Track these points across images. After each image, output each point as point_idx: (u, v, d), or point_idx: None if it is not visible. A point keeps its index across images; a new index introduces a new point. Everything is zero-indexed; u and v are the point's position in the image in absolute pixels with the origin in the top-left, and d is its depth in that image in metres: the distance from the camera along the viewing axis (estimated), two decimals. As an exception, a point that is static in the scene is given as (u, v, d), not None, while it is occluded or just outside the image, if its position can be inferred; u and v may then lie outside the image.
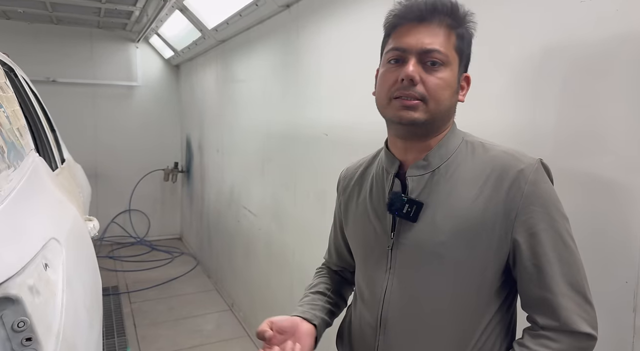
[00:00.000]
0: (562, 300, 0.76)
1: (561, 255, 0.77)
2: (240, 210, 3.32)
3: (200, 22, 3.30)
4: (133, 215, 5.25)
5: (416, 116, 0.81)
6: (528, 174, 0.78)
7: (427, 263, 0.84)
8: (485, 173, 0.81)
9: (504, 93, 1.18)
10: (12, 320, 0.68)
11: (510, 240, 0.79)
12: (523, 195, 0.77)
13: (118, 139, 5.02)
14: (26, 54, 4.21)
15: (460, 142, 0.87)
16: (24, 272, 0.73)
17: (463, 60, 0.85)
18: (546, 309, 0.78)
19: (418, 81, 0.80)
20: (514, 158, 0.81)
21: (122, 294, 3.82)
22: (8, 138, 0.97)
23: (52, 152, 1.88)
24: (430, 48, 0.80)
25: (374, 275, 0.92)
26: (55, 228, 0.98)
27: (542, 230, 0.77)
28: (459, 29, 0.83)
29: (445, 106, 0.82)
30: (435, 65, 0.80)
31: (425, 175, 0.85)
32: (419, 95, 0.80)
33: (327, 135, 2.06)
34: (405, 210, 0.84)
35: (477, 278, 0.82)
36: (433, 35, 0.81)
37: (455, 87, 0.84)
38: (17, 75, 1.86)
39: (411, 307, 0.86)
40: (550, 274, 0.77)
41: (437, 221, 0.82)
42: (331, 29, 1.99)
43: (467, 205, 0.81)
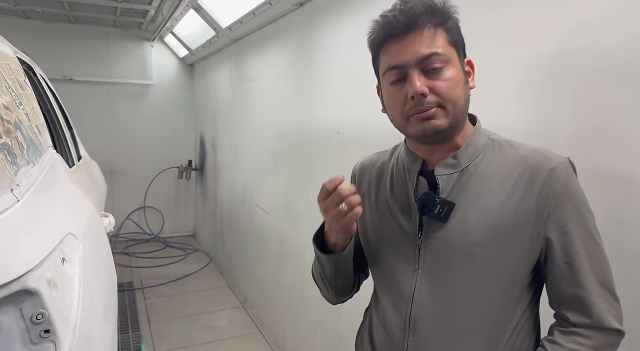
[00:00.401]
0: (594, 297, 0.77)
1: (592, 252, 0.78)
2: (252, 208, 3.34)
3: (214, 21, 3.32)
4: (148, 212, 5.31)
5: (439, 123, 0.79)
6: (560, 173, 0.78)
7: (458, 263, 0.83)
8: (516, 172, 0.81)
9: (521, 91, 1.17)
10: (31, 312, 0.70)
11: (543, 238, 0.79)
12: (556, 194, 0.78)
13: (133, 137, 5.08)
14: (44, 52, 4.29)
15: (486, 141, 0.86)
16: (42, 266, 0.75)
17: (460, 48, 0.83)
18: (578, 306, 0.78)
19: (427, 93, 0.78)
20: (544, 157, 0.80)
21: (136, 290, 3.88)
22: (27, 135, 0.99)
23: (69, 149, 1.91)
24: (427, 53, 0.78)
25: (400, 275, 0.90)
26: (72, 223, 1.00)
27: (574, 228, 0.78)
28: (445, 24, 0.81)
29: (462, 102, 0.81)
30: (437, 69, 0.79)
31: (455, 174, 0.84)
32: (434, 104, 0.79)
33: (340, 134, 2.06)
34: (437, 211, 0.83)
35: (509, 277, 0.82)
36: (424, 40, 0.79)
37: (464, 79, 0.82)
38: (36, 73, 1.90)
39: (442, 307, 0.85)
40: (582, 272, 0.78)
41: (469, 221, 0.81)
42: (344, 27, 1.99)
43: (500, 204, 0.80)
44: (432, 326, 0.86)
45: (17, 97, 1.05)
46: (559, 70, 1.07)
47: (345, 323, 2.05)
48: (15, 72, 1.19)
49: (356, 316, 1.14)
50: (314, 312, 2.37)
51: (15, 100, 1.01)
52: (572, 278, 0.78)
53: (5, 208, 0.72)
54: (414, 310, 0.87)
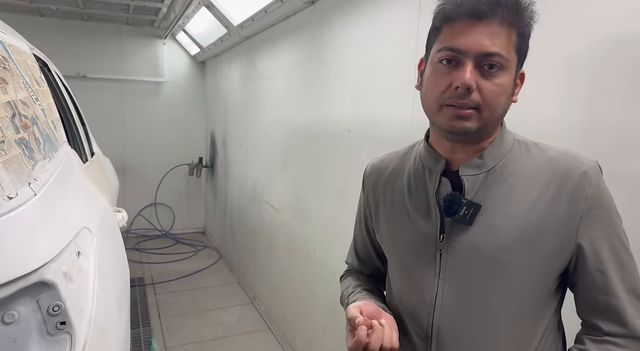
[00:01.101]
0: (628, 306, 0.75)
1: (623, 259, 0.76)
2: (262, 205, 3.36)
3: (225, 19, 3.33)
4: (159, 208, 5.35)
5: (469, 125, 0.75)
6: (591, 177, 0.76)
7: (485, 269, 0.79)
8: (545, 175, 0.78)
9: (560, 89, 1.14)
10: (48, 304, 0.71)
11: (574, 244, 0.76)
12: (587, 198, 0.75)
13: (145, 134, 5.12)
14: (58, 49, 4.33)
15: (512, 142, 0.82)
16: (59, 259, 0.76)
17: (521, 58, 0.78)
18: (612, 315, 0.75)
19: (474, 89, 0.73)
20: (575, 160, 0.77)
21: (147, 285, 3.91)
22: (43, 131, 1.00)
23: (82, 145, 1.94)
24: (491, 51, 0.72)
25: (420, 280, 0.86)
26: (87, 217, 1.02)
27: (605, 234, 0.76)
28: (522, 28, 0.75)
29: (500, 112, 0.77)
30: (493, 69, 0.73)
31: (481, 175, 0.80)
32: (473, 104, 0.74)
33: (350, 132, 2.06)
34: (462, 213, 0.79)
35: (537, 283, 0.79)
36: (494, 35, 0.72)
37: (512, 90, 0.77)
38: (51, 70, 1.92)
39: (467, 315, 0.81)
40: (615, 280, 0.75)
41: (497, 224, 0.78)
42: (356, 25, 1.99)
43: (528, 207, 0.77)
44: (458, 334, 0.82)
45: (34, 92, 1.07)
46: (603, 67, 1.05)
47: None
48: (31, 68, 1.21)
49: (366, 314, 1.14)
50: (323, 309, 2.38)
51: (31, 95, 1.03)
52: (605, 287, 0.75)
53: (23, 202, 0.74)
54: (436, 318, 0.83)
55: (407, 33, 1.64)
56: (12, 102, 0.86)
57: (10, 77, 0.92)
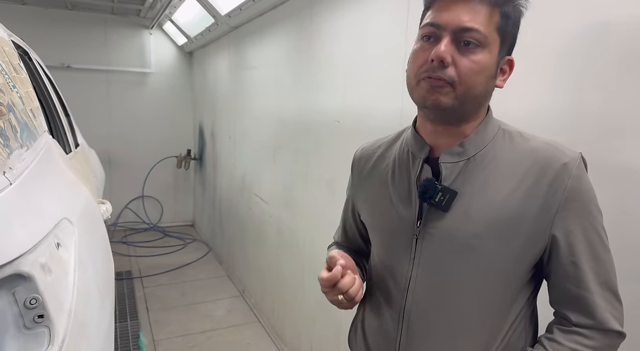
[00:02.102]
0: (598, 298, 0.75)
1: (598, 252, 0.76)
2: (251, 197, 3.33)
3: (213, 8, 3.28)
4: (146, 201, 5.30)
5: (442, 99, 0.75)
6: (572, 168, 0.75)
7: (457, 255, 0.80)
8: (525, 165, 0.77)
9: (549, 77, 1.14)
10: (25, 297, 0.69)
11: (549, 235, 0.76)
12: (566, 190, 0.74)
13: (131, 126, 5.05)
14: (41, 39, 4.23)
15: (497, 131, 0.82)
16: (36, 250, 0.73)
17: (506, 41, 0.78)
18: (581, 307, 0.76)
19: (449, 63, 0.73)
20: (557, 151, 0.77)
21: (135, 279, 3.88)
22: (21, 119, 0.97)
23: (66, 135, 1.89)
24: (467, 26, 0.73)
25: (396, 264, 0.88)
26: (67, 208, 0.99)
27: (582, 227, 0.75)
28: (505, 7, 0.75)
29: (478, 92, 0.76)
30: (470, 46, 0.74)
31: (460, 163, 0.81)
32: (448, 79, 0.74)
33: (340, 122, 2.04)
34: (438, 199, 0.80)
35: (510, 272, 0.79)
36: (473, 12, 0.73)
37: (493, 72, 0.77)
38: (32, 58, 1.87)
39: (438, 299, 0.83)
40: (587, 272, 0.75)
41: (472, 212, 0.78)
42: (345, 14, 1.96)
43: (505, 196, 0.77)
44: (427, 318, 0.84)
45: (11, 80, 1.03)
46: (592, 54, 1.04)
47: (344, 313, 2.05)
48: (9, 55, 1.17)
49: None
50: (312, 301, 2.37)
51: (8, 82, 0.99)
52: (577, 279, 0.76)
53: (-2, 191, 0.71)
54: (408, 302, 0.85)
55: (396, 23, 1.62)
56: (-14, 87, 0.82)
57: (-15, 62, 0.88)
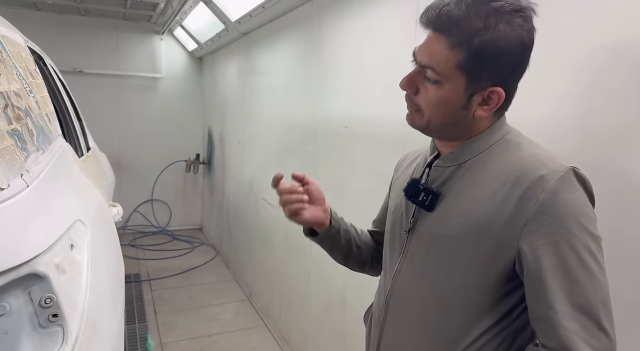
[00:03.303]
0: (565, 320, 0.69)
1: (572, 272, 0.70)
2: (259, 201, 3.35)
3: (223, 14, 3.32)
4: (155, 204, 5.34)
5: (416, 121, 0.84)
6: (548, 181, 0.71)
7: (431, 254, 0.85)
8: (506, 173, 0.77)
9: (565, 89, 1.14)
10: (40, 296, 0.71)
11: (515, 247, 0.74)
12: (537, 203, 0.71)
13: (141, 130, 5.10)
14: (54, 44, 4.30)
15: (498, 139, 0.82)
16: (51, 251, 0.75)
17: (478, 77, 0.75)
18: (546, 327, 0.71)
19: (412, 93, 0.82)
20: (539, 163, 0.74)
21: (143, 281, 3.91)
22: (37, 123, 0.99)
23: (78, 139, 1.93)
24: (423, 63, 0.79)
25: (391, 256, 0.96)
26: (81, 210, 1.01)
27: (551, 242, 0.71)
28: (474, 44, 0.73)
29: (443, 121, 0.81)
30: (429, 81, 0.79)
31: (450, 168, 0.85)
32: (415, 106, 0.83)
33: (347, 128, 2.05)
34: (421, 198, 0.86)
35: (479, 278, 0.78)
36: (435, 50, 0.76)
37: (460, 103, 0.78)
38: (46, 63, 1.91)
39: (412, 291, 0.89)
40: (553, 291, 0.70)
41: (448, 214, 0.83)
42: (354, 22, 1.98)
43: (481, 203, 0.78)
44: (398, 310, 0.91)
45: (28, 84, 1.06)
46: (605, 68, 1.05)
47: (351, 317, 2.06)
48: (25, 60, 1.20)
49: (361, 310, 1.14)
50: (319, 306, 2.38)
51: (25, 87, 1.02)
52: (542, 296, 0.71)
53: (15, 193, 0.73)
54: (391, 290, 0.93)
55: (405, 30, 1.63)
56: (4, 92, 0.85)
57: (3, 68, 0.91)
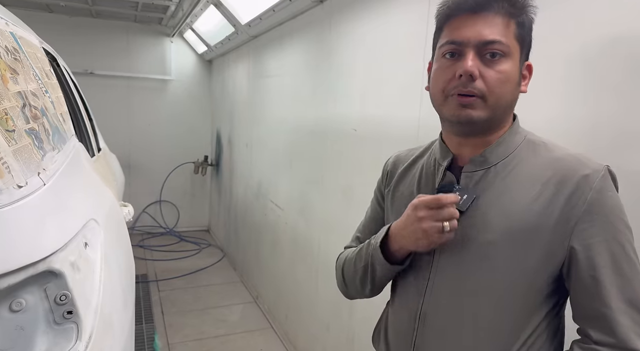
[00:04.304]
0: (619, 316, 0.72)
1: (621, 268, 0.73)
2: (267, 204, 3.36)
3: (233, 17, 3.34)
4: (163, 206, 5.37)
5: (475, 114, 0.77)
6: (593, 181, 0.73)
7: (472, 260, 0.80)
8: (546, 175, 0.77)
9: (564, 86, 1.15)
10: (55, 293, 0.72)
11: (567, 247, 0.75)
12: (586, 202, 0.73)
13: (151, 131, 5.14)
14: (66, 46, 4.34)
15: (522, 141, 0.82)
16: (66, 249, 0.76)
17: (525, 48, 0.80)
18: (602, 324, 0.73)
19: (477, 76, 0.75)
20: (579, 163, 0.76)
21: (151, 282, 3.92)
22: (53, 122, 1.01)
23: (89, 140, 1.95)
24: (490, 39, 0.75)
25: (417, 268, 0.89)
26: (94, 209, 1.02)
27: (603, 240, 0.73)
28: (519, 17, 0.77)
29: (507, 101, 0.78)
30: (495, 57, 0.75)
31: (480, 172, 0.82)
32: (478, 92, 0.75)
33: (356, 131, 2.06)
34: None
35: (525, 282, 0.78)
36: (491, 25, 0.75)
37: (517, 79, 0.79)
38: (60, 64, 1.93)
39: (452, 303, 0.83)
40: (608, 288, 0.73)
41: (489, 219, 0.79)
42: (364, 24, 1.99)
43: (523, 206, 0.77)
44: (441, 320, 0.84)
45: (43, 85, 1.08)
46: (605, 63, 1.05)
47: (358, 320, 2.05)
48: (41, 61, 1.22)
49: (369, 313, 1.14)
50: (326, 309, 2.38)
51: (41, 87, 1.04)
52: (597, 294, 0.73)
53: (32, 191, 0.74)
54: (425, 304, 0.86)
55: (415, 32, 1.64)
56: (22, 92, 0.86)
57: (21, 68, 0.92)
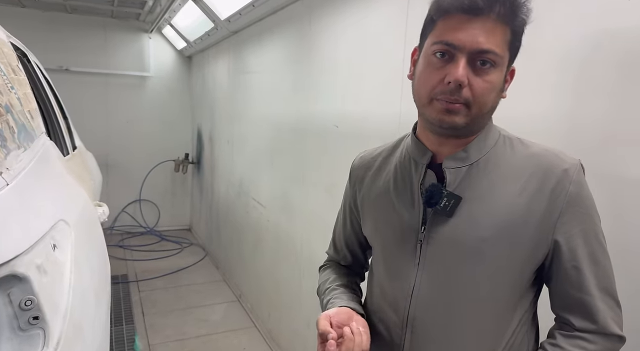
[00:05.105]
0: (599, 303, 0.76)
1: (598, 257, 0.77)
2: (249, 201, 3.33)
3: (213, 13, 3.29)
4: (143, 205, 5.28)
5: (457, 120, 0.76)
6: (572, 174, 0.76)
7: (464, 260, 0.80)
8: (527, 171, 0.78)
9: (545, 85, 1.14)
10: (20, 299, 0.68)
11: (551, 240, 0.77)
12: (567, 195, 0.76)
13: (129, 129, 5.05)
14: (40, 42, 4.22)
15: (498, 137, 0.83)
16: (32, 251, 0.73)
17: (513, 56, 0.78)
18: (584, 311, 0.77)
19: (466, 85, 0.73)
20: (557, 158, 0.78)
21: (131, 282, 3.86)
22: (19, 120, 0.97)
23: (63, 138, 1.89)
24: (485, 48, 0.72)
25: (400, 270, 0.87)
26: (64, 210, 0.98)
27: (582, 231, 0.77)
28: (515, 23, 0.74)
29: (489, 108, 0.78)
30: (486, 66, 0.74)
31: (463, 168, 0.81)
32: (464, 100, 0.74)
33: (338, 127, 2.04)
34: (443, 204, 0.80)
35: (514, 276, 0.80)
36: (489, 32, 0.72)
37: (502, 87, 0.78)
38: (30, 60, 1.87)
39: (442, 304, 0.82)
40: (588, 276, 0.76)
41: (477, 216, 0.79)
42: (344, 19, 1.97)
43: (509, 201, 0.78)
44: (432, 324, 0.83)
45: (9, 81, 1.03)
46: (588, 63, 1.05)
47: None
48: (7, 56, 1.17)
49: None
50: (309, 306, 2.36)
51: (6, 83, 0.99)
52: (579, 283, 0.77)
53: (-6, 191, 0.70)
54: (412, 307, 0.84)
55: (395, 28, 1.63)
56: (-16, 88, 0.82)
57: (-17, 63, 0.88)
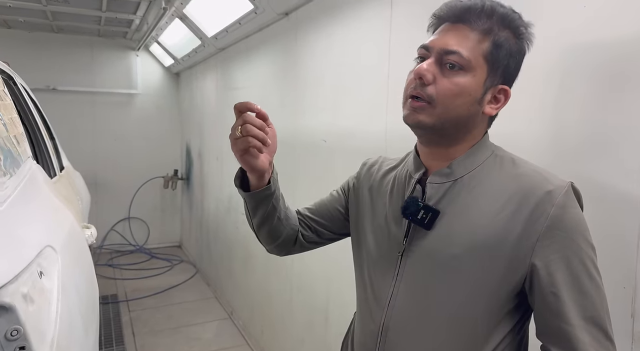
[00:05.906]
0: (580, 333, 0.71)
1: (584, 286, 0.72)
2: (239, 217, 3.32)
3: (200, 30, 3.31)
4: (132, 222, 5.23)
5: (420, 118, 0.78)
6: (556, 197, 0.73)
7: (437, 274, 0.80)
8: (509, 191, 0.77)
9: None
10: (5, 329, 0.68)
11: (529, 264, 0.74)
12: (548, 218, 0.72)
13: (118, 147, 5.02)
14: (26, 62, 4.23)
15: (489, 155, 0.83)
16: (18, 280, 0.72)
17: (497, 70, 0.79)
18: (563, 341, 0.72)
19: (429, 81, 0.76)
20: (543, 178, 0.76)
21: (121, 302, 3.81)
22: (5, 146, 0.97)
23: (50, 159, 1.88)
24: (450, 49, 0.76)
25: (380, 279, 0.89)
26: (51, 235, 0.98)
27: (564, 257, 0.72)
28: (497, 36, 0.77)
29: (457, 114, 0.78)
30: (454, 69, 0.76)
31: (446, 184, 0.82)
32: (427, 97, 0.77)
33: (326, 142, 2.06)
34: (420, 216, 0.81)
35: (488, 297, 0.78)
36: (461, 37, 0.77)
37: (477, 97, 0.78)
38: (17, 83, 1.87)
39: (415, 317, 0.83)
40: (569, 304, 0.72)
41: (453, 232, 0.79)
42: (330, 36, 2.00)
43: (487, 220, 0.77)
44: (404, 337, 0.84)
45: (-5, 107, 1.03)
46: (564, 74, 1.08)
47: (333, 332, 2.04)
48: (-7, 81, 1.17)
49: (344, 327, 1.13)
50: (301, 322, 2.35)
51: (-8, 110, 0.99)
52: (558, 310, 0.72)
53: (-21, 221, 0.70)
54: (387, 317, 0.85)
55: (379, 45, 1.65)
56: (-31, 116, 0.82)
57: (-32, 91, 0.88)
